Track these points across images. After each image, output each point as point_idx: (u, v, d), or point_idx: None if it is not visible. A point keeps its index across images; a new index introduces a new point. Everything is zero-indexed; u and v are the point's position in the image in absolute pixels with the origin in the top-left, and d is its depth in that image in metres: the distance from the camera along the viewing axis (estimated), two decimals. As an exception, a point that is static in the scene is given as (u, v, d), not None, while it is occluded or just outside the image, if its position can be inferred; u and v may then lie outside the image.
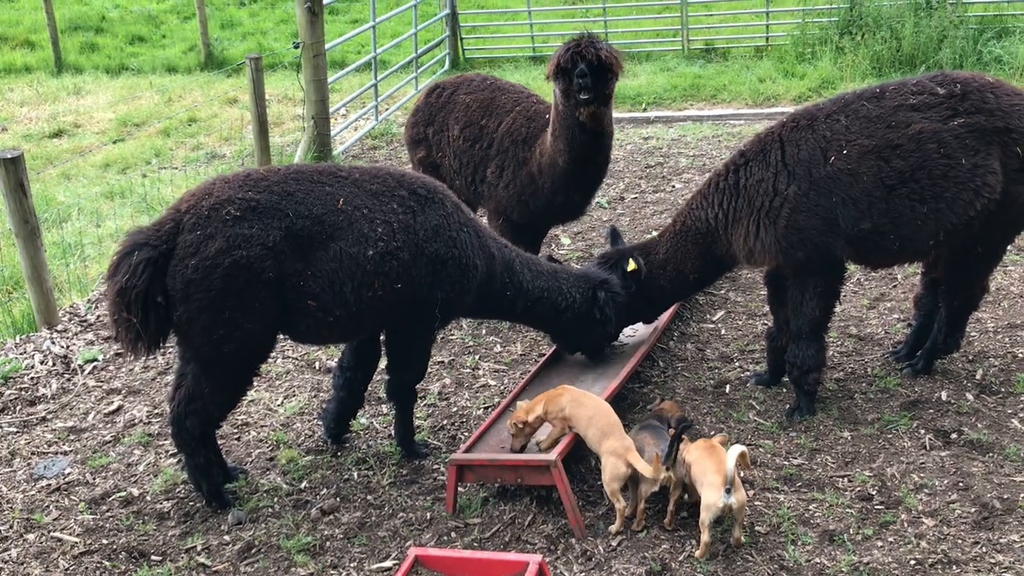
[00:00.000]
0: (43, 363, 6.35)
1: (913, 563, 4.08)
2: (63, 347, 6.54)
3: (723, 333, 6.35)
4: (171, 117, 13.05)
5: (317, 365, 6.27)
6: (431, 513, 4.68)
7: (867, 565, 4.08)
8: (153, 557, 4.47)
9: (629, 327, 5.79)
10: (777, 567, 4.11)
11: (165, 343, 4.52)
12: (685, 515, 4.42)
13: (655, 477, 4.24)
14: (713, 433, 4.94)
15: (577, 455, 4.81)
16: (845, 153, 4.91)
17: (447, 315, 4.94)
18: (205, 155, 11.59)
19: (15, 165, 6.43)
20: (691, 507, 4.39)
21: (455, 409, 5.65)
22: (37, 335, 6.72)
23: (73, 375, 6.25)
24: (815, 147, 4.97)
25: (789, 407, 5.32)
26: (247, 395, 5.11)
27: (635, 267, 5.41)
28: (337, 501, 4.81)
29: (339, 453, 5.25)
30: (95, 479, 5.14)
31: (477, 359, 6.22)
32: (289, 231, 4.37)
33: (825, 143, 4.96)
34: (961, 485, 4.57)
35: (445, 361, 6.22)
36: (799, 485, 4.67)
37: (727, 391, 5.59)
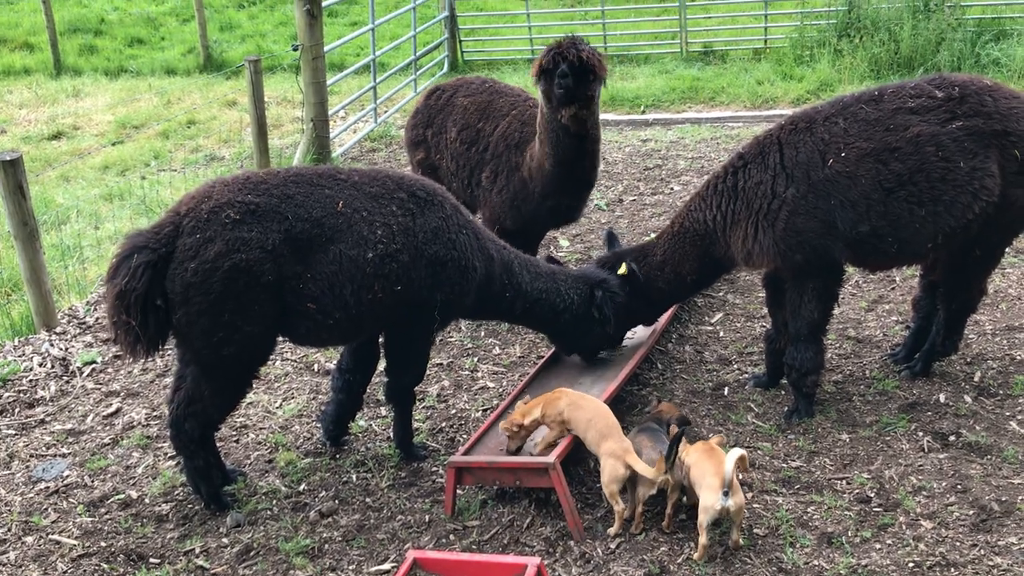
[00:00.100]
0: (42, 365, 6.35)
1: (911, 565, 4.08)
2: (62, 349, 6.54)
3: (721, 335, 6.36)
4: (170, 119, 13.05)
5: (316, 367, 6.27)
6: (430, 516, 4.68)
7: (865, 568, 4.09)
8: (151, 559, 4.47)
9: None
10: (775, 569, 4.12)
11: (164, 346, 4.53)
12: (683, 518, 4.42)
13: (656, 479, 4.25)
14: (710, 435, 4.94)
15: (576, 457, 4.81)
16: (843, 156, 4.92)
17: (446, 317, 4.95)
18: (204, 157, 11.59)
19: (14, 167, 6.43)
20: (690, 510, 4.40)
21: (454, 411, 5.65)
22: (36, 337, 6.72)
23: (72, 377, 6.24)
24: (813, 150, 4.98)
25: (787, 409, 5.33)
26: (246, 397, 5.11)
27: (626, 271, 5.42)
28: (336, 503, 4.81)
29: (338, 455, 5.25)
30: (93, 481, 5.14)
31: (476, 361, 6.23)
32: (288, 234, 4.37)
33: (823, 146, 4.97)
34: (959, 487, 4.57)
35: (444, 363, 6.22)
36: (797, 487, 4.67)
37: (725, 393, 5.60)
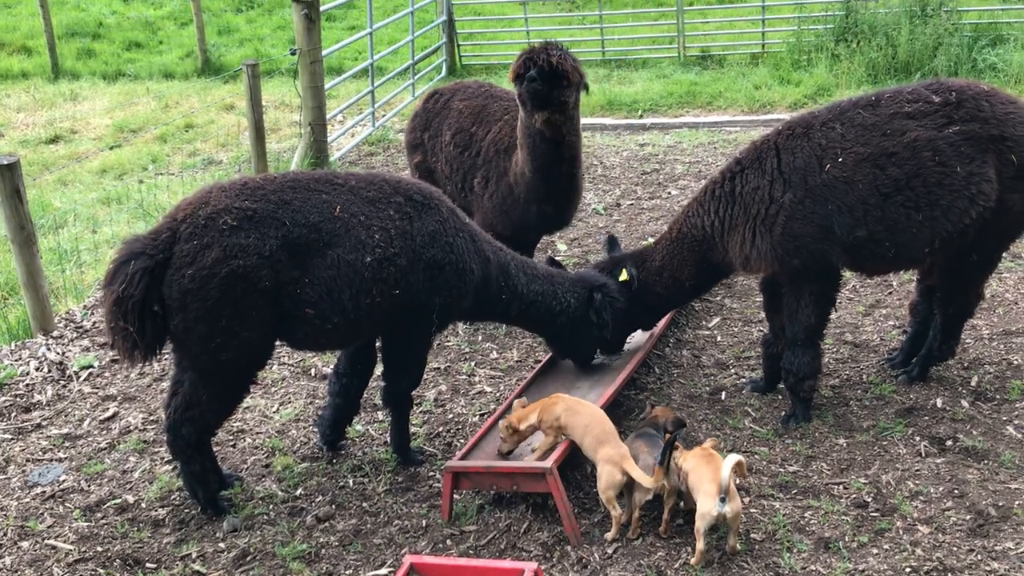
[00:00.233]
0: (38, 369, 6.34)
1: (908, 571, 4.08)
2: (59, 353, 6.53)
3: (719, 340, 6.36)
4: (168, 123, 13.04)
5: (313, 372, 6.26)
6: (427, 520, 4.67)
7: (862, 573, 4.09)
8: (148, 564, 4.46)
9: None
10: (772, 575, 4.11)
11: (161, 351, 4.52)
12: (681, 522, 4.42)
13: (653, 487, 4.25)
14: (706, 439, 4.93)
15: (573, 462, 4.80)
16: (841, 161, 4.92)
17: (444, 319, 4.95)
18: (202, 161, 11.58)
19: (11, 171, 6.42)
20: (687, 514, 4.39)
21: (451, 416, 5.65)
22: (33, 341, 6.71)
23: (68, 381, 6.23)
24: (811, 155, 4.98)
25: (785, 414, 5.33)
26: (243, 402, 5.10)
27: (627, 277, 5.42)
28: (332, 508, 4.80)
29: (335, 460, 5.24)
30: (90, 486, 5.13)
31: (473, 366, 6.22)
32: (286, 240, 4.37)
33: (821, 151, 4.97)
34: (956, 492, 4.57)
35: (441, 367, 6.22)
36: (794, 492, 4.67)
37: (723, 398, 5.60)
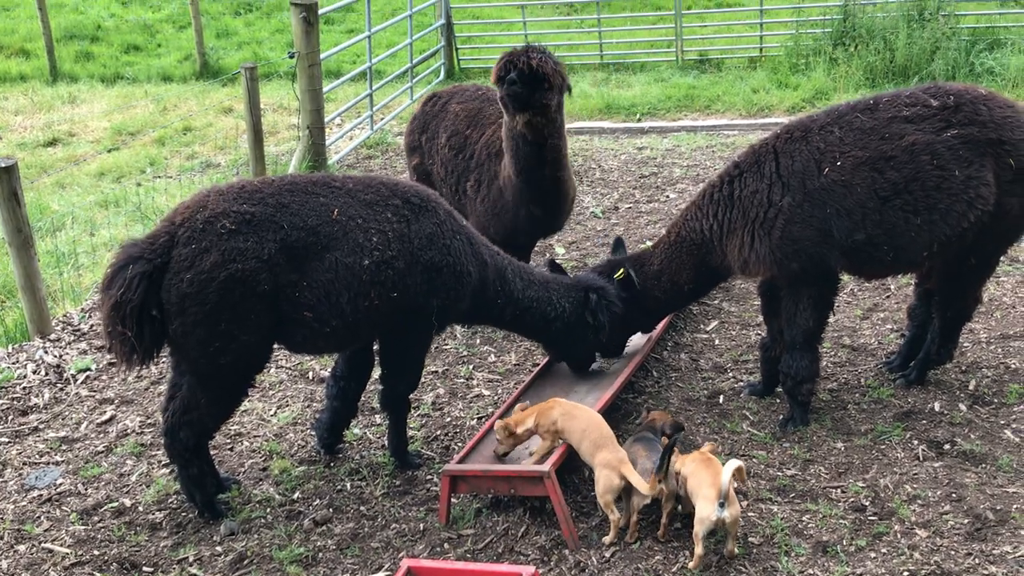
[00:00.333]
0: (36, 372, 6.33)
1: (906, 574, 4.08)
2: (56, 356, 6.52)
3: (717, 343, 6.36)
4: (166, 126, 13.03)
5: (310, 375, 6.26)
6: (424, 524, 4.67)
7: (860, 576, 4.09)
8: (145, 568, 4.46)
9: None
10: (771, 578, 4.11)
11: (159, 355, 4.52)
12: (679, 526, 4.42)
13: (650, 494, 4.24)
14: (704, 443, 4.93)
15: (571, 466, 4.80)
16: (839, 164, 4.93)
17: (441, 322, 4.94)
18: (200, 164, 11.58)
19: (9, 174, 6.42)
20: (685, 518, 4.39)
21: (449, 419, 5.64)
22: (30, 344, 6.70)
23: (66, 385, 6.22)
24: (809, 158, 4.98)
25: (783, 418, 5.33)
26: (241, 405, 5.10)
27: (623, 275, 5.41)
28: (330, 512, 4.79)
29: (332, 463, 5.24)
30: (87, 489, 5.12)
31: (471, 369, 6.22)
32: (284, 243, 4.37)
33: (819, 154, 4.98)
34: (954, 496, 4.57)
35: (439, 371, 6.21)
36: (792, 496, 4.67)
37: (721, 401, 5.60)
